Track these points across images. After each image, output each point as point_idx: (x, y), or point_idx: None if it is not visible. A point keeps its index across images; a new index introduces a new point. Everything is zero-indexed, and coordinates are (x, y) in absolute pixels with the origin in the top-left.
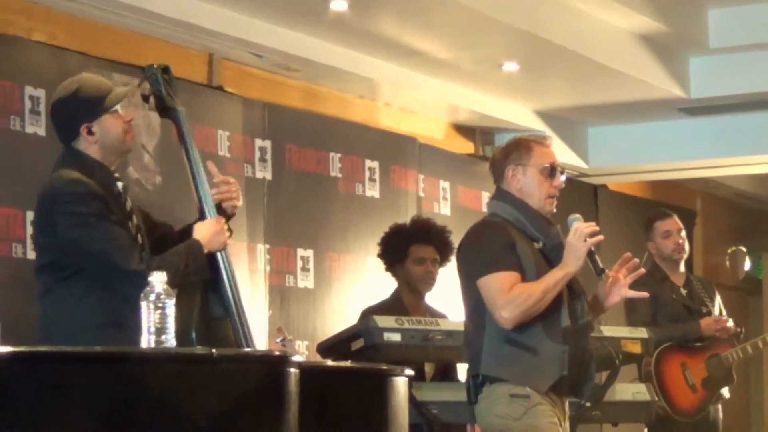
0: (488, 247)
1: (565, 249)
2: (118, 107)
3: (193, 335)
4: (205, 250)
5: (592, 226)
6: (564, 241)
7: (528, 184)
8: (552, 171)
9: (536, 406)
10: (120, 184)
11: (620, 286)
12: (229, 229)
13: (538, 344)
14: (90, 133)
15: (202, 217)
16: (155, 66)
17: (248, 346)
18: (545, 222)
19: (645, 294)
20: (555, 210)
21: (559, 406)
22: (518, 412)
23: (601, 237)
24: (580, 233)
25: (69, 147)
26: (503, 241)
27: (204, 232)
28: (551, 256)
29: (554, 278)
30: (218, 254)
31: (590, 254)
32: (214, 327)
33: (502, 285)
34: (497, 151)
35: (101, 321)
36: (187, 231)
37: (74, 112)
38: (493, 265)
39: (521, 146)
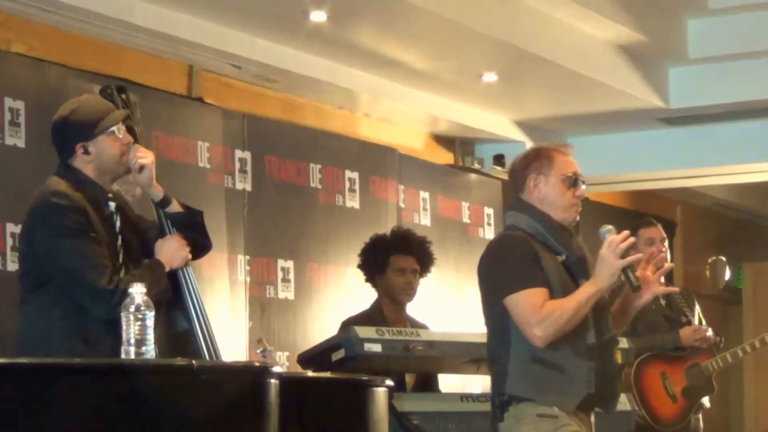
0: (514, 263)
1: (598, 263)
2: (115, 129)
3: (156, 351)
4: (168, 269)
5: (627, 240)
6: (587, 254)
7: (550, 194)
8: (575, 180)
9: (564, 427)
10: (112, 204)
11: (650, 283)
12: (189, 244)
13: (565, 362)
14: (86, 152)
15: (162, 234)
16: (112, 86)
17: (214, 359)
18: (567, 234)
19: (676, 288)
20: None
21: (586, 424)
22: None
23: (639, 256)
24: (615, 248)
25: (66, 164)
26: (529, 256)
27: (165, 250)
28: (575, 270)
29: (586, 294)
30: (180, 269)
31: (625, 269)
32: (179, 341)
33: (533, 303)
34: (517, 160)
35: (68, 333)
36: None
37: (69, 132)
38: (521, 282)
39: (542, 155)
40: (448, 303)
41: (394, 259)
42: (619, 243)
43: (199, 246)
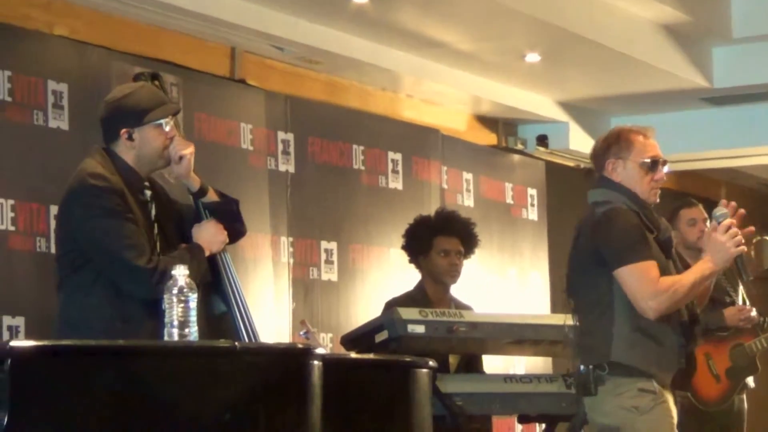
0: (628, 235)
1: (711, 245)
2: (163, 122)
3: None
4: (207, 253)
5: (741, 231)
6: (671, 234)
7: (628, 178)
8: (653, 165)
9: (663, 404)
10: (148, 193)
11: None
12: (227, 228)
13: (663, 335)
14: (130, 138)
15: (198, 219)
16: (146, 73)
17: (253, 341)
18: (654, 215)
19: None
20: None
21: (674, 402)
22: (646, 407)
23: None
24: (734, 236)
25: (106, 147)
26: (640, 229)
27: (204, 235)
28: (664, 248)
29: (702, 272)
30: (217, 254)
31: (740, 257)
32: (218, 324)
33: (648, 275)
34: (599, 141)
35: (108, 314)
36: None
37: (119, 115)
38: (635, 253)
39: (622, 139)
40: (491, 284)
41: (438, 240)
42: (738, 233)
43: (235, 232)
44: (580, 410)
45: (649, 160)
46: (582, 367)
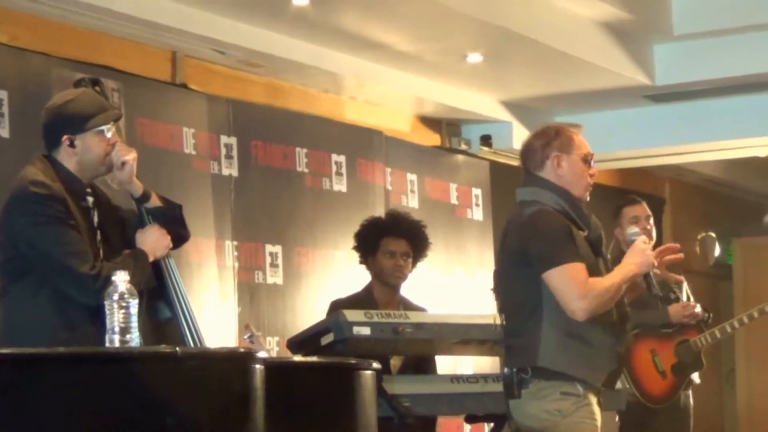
0: (554, 238)
1: (632, 250)
2: (105, 128)
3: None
4: (151, 259)
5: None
6: (602, 232)
7: (571, 173)
8: (589, 160)
9: (586, 407)
10: (90, 199)
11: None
12: (171, 233)
13: (594, 338)
14: (71, 145)
15: (141, 224)
16: (86, 79)
17: (199, 347)
18: (585, 212)
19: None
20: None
21: (598, 402)
22: (568, 410)
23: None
24: (647, 250)
25: (48, 154)
26: (567, 230)
27: (148, 240)
28: (595, 246)
29: (626, 274)
30: (162, 259)
31: (648, 273)
32: (162, 330)
33: (577, 277)
34: (533, 138)
35: (52, 322)
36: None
37: (59, 121)
38: (562, 256)
39: (563, 134)
40: (437, 284)
41: (384, 241)
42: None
43: (179, 237)
44: (508, 411)
45: (587, 154)
46: (506, 369)
